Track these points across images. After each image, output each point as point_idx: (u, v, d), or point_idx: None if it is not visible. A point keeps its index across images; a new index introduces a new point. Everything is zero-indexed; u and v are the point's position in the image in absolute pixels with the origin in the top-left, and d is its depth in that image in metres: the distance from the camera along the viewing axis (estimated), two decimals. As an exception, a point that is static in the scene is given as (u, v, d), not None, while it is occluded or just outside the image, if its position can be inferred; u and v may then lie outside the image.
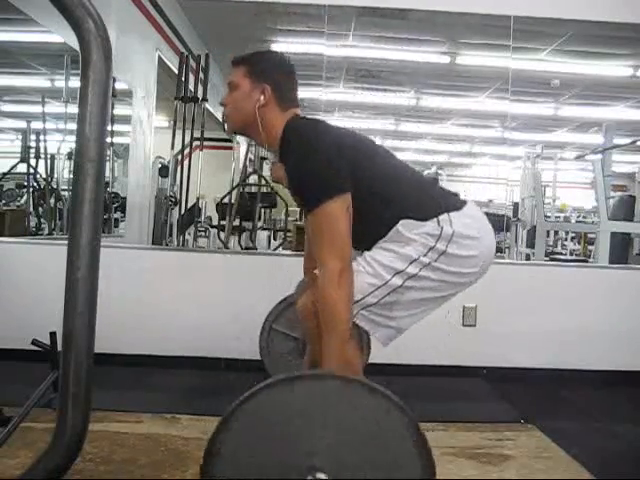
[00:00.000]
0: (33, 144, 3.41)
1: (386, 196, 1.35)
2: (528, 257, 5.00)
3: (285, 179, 1.38)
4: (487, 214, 1.46)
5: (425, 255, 1.30)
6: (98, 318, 0.78)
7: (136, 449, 1.58)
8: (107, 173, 3.69)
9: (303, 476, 0.87)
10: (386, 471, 0.88)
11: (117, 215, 3.90)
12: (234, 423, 0.88)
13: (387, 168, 1.41)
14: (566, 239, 7.19)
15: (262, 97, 1.36)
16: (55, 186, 3.46)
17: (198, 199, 3.64)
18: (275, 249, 3.98)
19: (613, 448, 1.82)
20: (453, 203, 1.36)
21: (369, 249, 1.37)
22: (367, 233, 1.35)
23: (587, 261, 5.18)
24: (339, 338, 1.24)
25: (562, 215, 8.07)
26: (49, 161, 3.44)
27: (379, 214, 1.34)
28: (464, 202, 1.39)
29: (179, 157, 3.56)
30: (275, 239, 4.66)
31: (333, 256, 1.25)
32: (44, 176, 3.43)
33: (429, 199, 1.37)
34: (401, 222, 1.32)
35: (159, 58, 4.01)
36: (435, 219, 1.31)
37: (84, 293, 0.75)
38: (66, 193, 3.44)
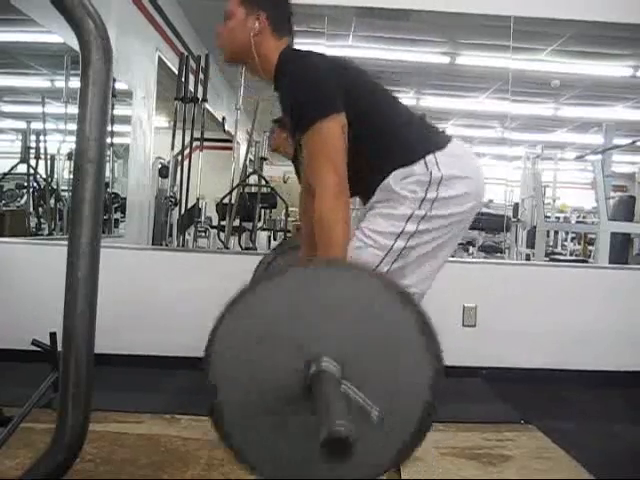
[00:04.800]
0: (33, 144, 3.41)
1: (377, 131, 1.33)
2: (528, 257, 5.00)
3: (285, 146, 1.33)
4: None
5: (419, 208, 1.28)
6: (98, 318, 0.78)
7: (136, 449, 1.58)
8: (107, 173, 3.69)
9: (308, 368, 0.84)
10: (394, 358, 0.87)
11: (117, 215, 3.90)
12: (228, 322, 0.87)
13: (379, 101, 1.38)
14: (566, 239, 7.19)
15: (257, 25, 1.34)
16: (55, 186, 3.46)
17: (198, 199, 3.64)
18: (275, 249, 3.97)
19: (613, 448, 1.82)
20: (439, 141, 1.35)
21: (363, 197, 1.36)
22: (359, 179, 1.31)
23: (587, 261, 5.18)
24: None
25: (562, 215, 8.08)
26: (49, 161, 3.45)
27: (371, 155, 1.31)
28: (449, 139, 1.37)
29: (179, 157, 3.56)
30: (275, 239, 4.66)
31: (329, 170, 1.23)
32: (44, 176, 3.43)
33: (418, 138, 1.35)
34: (392, 174, 1.30)
35: (159, 58, 4.02)
36: (422, 161, 1.29)
37: (84, 293, 0.75)
38: (66, 193, 3.45)
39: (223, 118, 4.83)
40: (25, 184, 3.50)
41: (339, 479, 0.90)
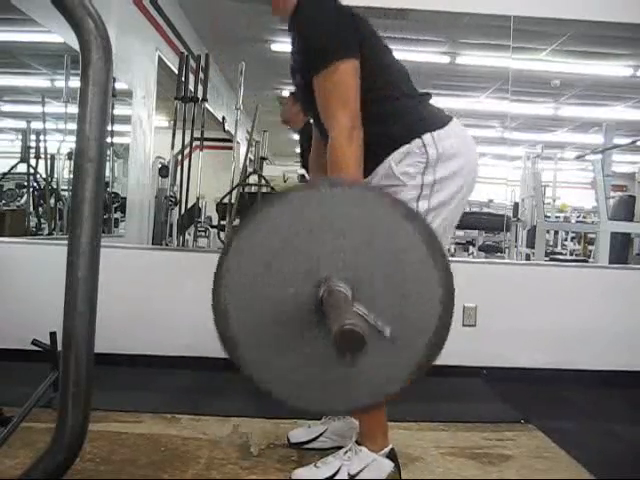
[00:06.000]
0: (33, 144, 3.41)
1: (382, 96, 1.35)
2: (528, 257, 5.00)
3: (294, 121, 1.36)
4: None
5: (419, 198, 1.30)
6: (98, 318, 0.78)
7: (136, 449, 1.57)
8: (107, 173, 3.69)
9: (318, 289, 0.83)
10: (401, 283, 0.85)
11: (117, 215, 3.90)
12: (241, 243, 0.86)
13: (390, 67, 1.40)
14: (566, 239, 7.19)
15: None
16: (55, 186, 3.46)
17: (198, 199, 3.64)
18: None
19: (613, 448, 1.82)
20: (439, 120, 1.36)
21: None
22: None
23: (587, 261, 5.18)
24: None
25: (562, 215, 8.08)
26: (49, 161, 3.44)
27: (370, 120, 1.30)
28: (449, 118, 1.38)
29: (179, 157, 3.56)
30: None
31: (343, 114, 1.24)
32: (44, 176, 3.43)
33: (418, 115, 1.37)
34: (392, 156, 1.31)
35: (159, 58, 4.02)
36: (419, 139, 1.31)
37: (84, 293, 0.75)
38: (66, 193, 3.44)
39: (223, 118, 4.83)
40: (25, 184, 3.50)
41: (356, 401, 0.89)
